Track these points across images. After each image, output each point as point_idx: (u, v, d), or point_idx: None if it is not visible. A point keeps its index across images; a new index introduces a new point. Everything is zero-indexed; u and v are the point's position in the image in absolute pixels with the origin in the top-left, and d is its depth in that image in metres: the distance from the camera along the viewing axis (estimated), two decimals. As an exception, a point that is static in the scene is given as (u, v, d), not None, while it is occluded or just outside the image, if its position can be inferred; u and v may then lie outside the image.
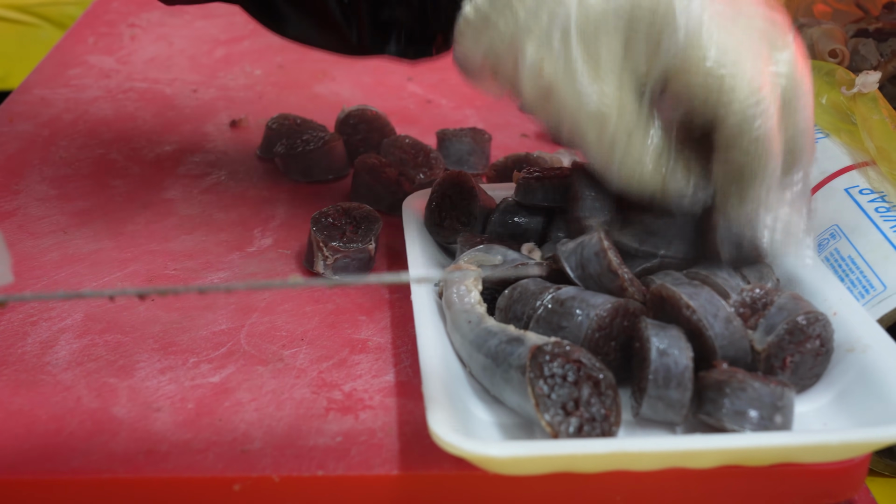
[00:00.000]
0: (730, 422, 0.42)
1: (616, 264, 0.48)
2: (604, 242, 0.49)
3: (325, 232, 0.60)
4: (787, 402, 0.43)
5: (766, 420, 0.42)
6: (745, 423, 0.42)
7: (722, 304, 0.45)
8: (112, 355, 0.53)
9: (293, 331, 0.56)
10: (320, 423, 0.48)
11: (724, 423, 0.42)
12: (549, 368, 0.43)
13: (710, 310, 0.45)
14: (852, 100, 0.62)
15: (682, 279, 0.48)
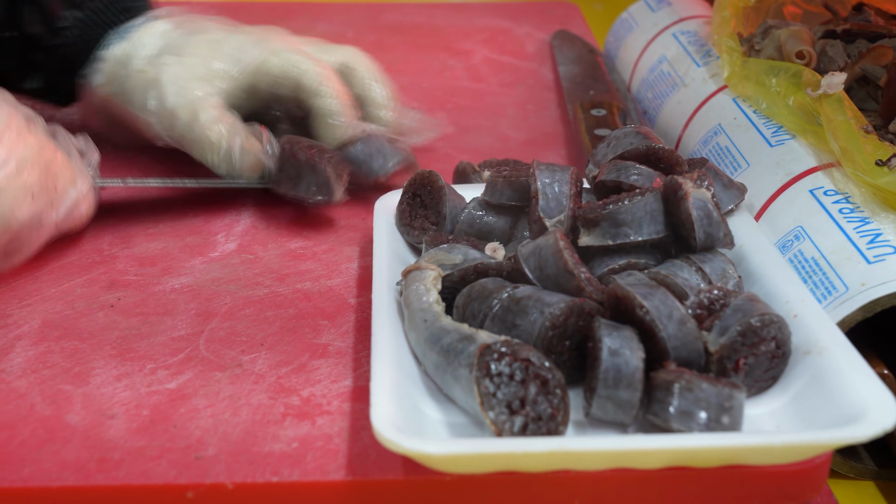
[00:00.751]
0: (676, 422, 0.42)
1: (571, 264, 0.48)
2: (559, 243, 0.48)
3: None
4: (735, 404, 0.42)
5: (713, 421, 0.42)
6: (692, 424, 0.42)
7: (676, 306, 0.45)
8: (68, 362, 0.53)
9: (253, 336, 0.55)
10: (276, 429, 0.48)
11: (671, 424, 0.42)
12: (497, 367, 0.43)
13: (664, 311, 0.44)
14: (818, 101, 0.62)
15: (642, 279, 0.47)
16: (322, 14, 1.08)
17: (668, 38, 0.85)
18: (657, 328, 0.44)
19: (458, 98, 0.89)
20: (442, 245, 0.54)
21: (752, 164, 0.64)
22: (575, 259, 0.48)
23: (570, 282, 0.48)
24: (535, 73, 0.95)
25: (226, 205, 0.69)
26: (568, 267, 0.48)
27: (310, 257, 0.63)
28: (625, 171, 0.55)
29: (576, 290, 0.48)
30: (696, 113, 0.73)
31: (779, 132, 0.65)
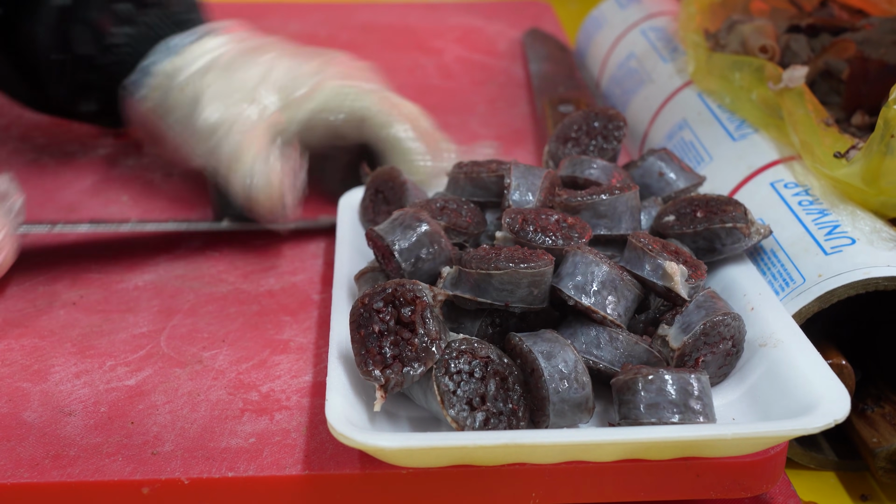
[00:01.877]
0: (647, 416, 0.42)
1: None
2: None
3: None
4: (701, 387, 0.42)
5: (683, 406, 0.42)
6: (664, 414, 0.42)
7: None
8: (27, 360, 0.52)
9: (215, 332, 0.55)
10: (234, 425, 0.48)
11: (643, 420, 0.42)
12: (456, 365, 0.43)
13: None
14: (780, 95, 0.62)
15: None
16: (295, 14, 1.08)
17: (636, 34, 0.85)
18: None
19: (428, 96, 0.89)
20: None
21: (716, 158, 0.64)
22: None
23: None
24: (507, 71, 0.95)
25: (192, 203, 0.69)
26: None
27: (275, 254, 0.63)
28: (580, 165, 0.55)
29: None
30: (663, 108, 0.74)
31: (742, 126, 0.65)
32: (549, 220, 0.50)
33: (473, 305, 0.46)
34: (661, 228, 0.53)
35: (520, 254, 0.46)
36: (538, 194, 0.53)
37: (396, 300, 0.44)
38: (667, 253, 0.48)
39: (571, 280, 0.46)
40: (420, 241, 0.49)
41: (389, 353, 0.44)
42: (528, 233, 0.49)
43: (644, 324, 0.49)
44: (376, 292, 0.45)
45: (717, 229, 0.51)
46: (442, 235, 0.49)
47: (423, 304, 0.44)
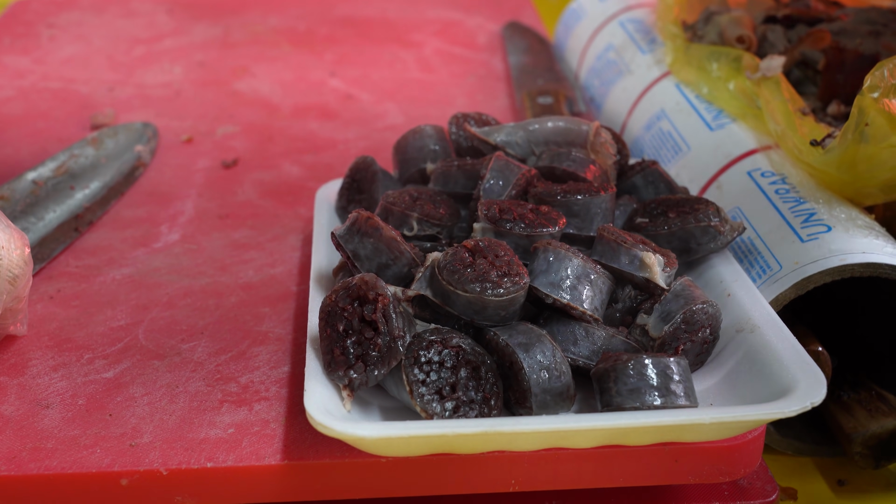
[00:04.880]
0: (630, 401, 0.42)
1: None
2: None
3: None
4: (681, 371, 0.42)
5: (664, 390, 0.42)
6: (645, 398, 0.42)
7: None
8: (4, 353, 0.52)
9: (194, 324, 0.55)
10: (213, 416, 0.47)
11: (625, 406, 0.42)
12: (426, 355, 0.43)
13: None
14: (757, 84, 0.63)
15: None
16: (273, 7, 1.08)
17: (615, 26, 0.85)
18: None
19: (408, 89, 0.89)
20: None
21: (693, 148, 0.64)
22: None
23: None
24: (486, 64, 0.95)
25: (171, 196, 0.69)
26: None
27: (254, 247, 0.63)
28: (558, 157, 0.56)
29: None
30: (641, 99, 0.74)
31: (720, 116, 0.66)
32: (524, 210, 0.50)
33: (442, 310, 0.46)
34: (634, 230, 0.53)
35: (494, 271, 0.45)
36: (510, 189, 0.53)
37: (361, 297, 0.44)
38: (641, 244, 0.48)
39: (546, 277, 0.46)
40: (377, 248, 0.49)
41: (353, 352, 0.44)
42: (506, 221, 0.49)
43: (621, 314, 0.49)
44: (342, 288, 0.45)
45: (691, 229, 0.51)
46: (399, 240, 0.49)
47: (386, 301, 0.44)
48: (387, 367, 0.43)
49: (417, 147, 0.61)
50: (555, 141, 0.58)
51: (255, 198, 0.69)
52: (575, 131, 0.57)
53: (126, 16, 1.05)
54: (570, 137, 0.57)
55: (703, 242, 0.52)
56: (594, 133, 0.57)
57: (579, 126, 0.57)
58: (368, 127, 0.82)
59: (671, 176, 0.60)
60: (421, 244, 0.52)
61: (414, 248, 0.49)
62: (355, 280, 0.45)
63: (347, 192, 0.61)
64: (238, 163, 0.74)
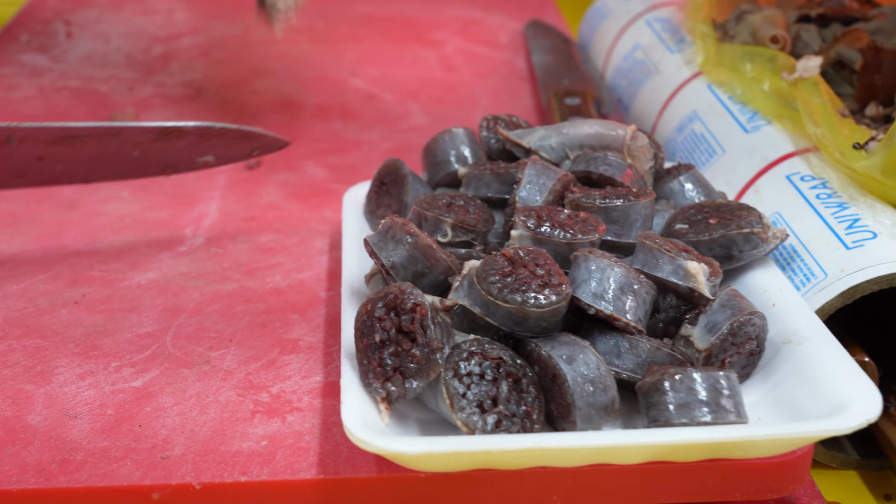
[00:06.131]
0: (678, 417, 0.40)
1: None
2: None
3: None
4: (731, 385, 0.41)
5: (714, 405, 0.40)
6: (695, 414, 0.40)
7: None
8: (30, 361, 0.51)
9: (222, 331, 0.54)
10: (245, 427, 0.46)
11: (673, 421, 0.41)
12: (466, 366, 0.42)
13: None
14: (794, 85, 0.61)
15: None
16: (292, 5, 1.07)
17: (641, 25, 0.84)
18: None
19: (431, 89, 0.88)
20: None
21: (728, 151, 0.63)
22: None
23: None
24: (509, 64, 0.94)
25: (194, 198, 0.68)
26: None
27: (280, 251, 0.62)
28: (594, 162, 0.54)
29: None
30: (671, 100, 0.73)
31: (754, 118, 0.64)
32: (563, 216, 0.49)
33: (482, 321, 0.45)
34: (674, 237, 0.52)
35: (535, 281, 0.43)
36: (546, 195, 0.52)
37: (397, 307, 0.43)
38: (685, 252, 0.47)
39: (588, 287, 0.45)
40: (413, 256, 0.47)
41: (390, 364, 0.43)
42: (545, 229, 0.48)
43: (663, 324, 0.48)
44: (378, 297, 0.44)
45: (733, 235, 0.50)
46: (434, 247, 0.48)
47: (423, 312, 0.43)
48: (425, 379, 0.42)
49: (448, 150, 0.59)
50: (589, 145, 0.56)
51: (280, 200, 0.68)
52: (611, 135, 0.56)
53: (144, 13, 1.03)
54: (606, 141, 0.56)
55: (745, 250, 0.50)
56: (631, 137, 0.56)
57: (615, 130, 0.56)
58: (392, 127, 0.80)
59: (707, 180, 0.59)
60: (455, 251, 0.51)
61: (450, 255, 0.48)
62: (391, 289, 0.44)
63: (376, 196, 0.60)
64: (261, 164, 0.73)
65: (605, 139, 0.56)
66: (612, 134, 0.56)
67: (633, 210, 0.50)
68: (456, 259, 0.48)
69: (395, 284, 0.44)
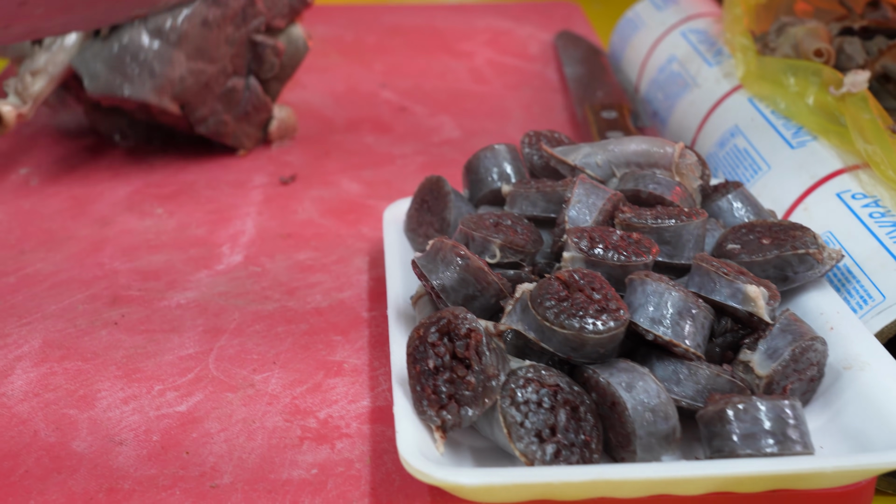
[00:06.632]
0: (743, 448, 0.39)
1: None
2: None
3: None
4: (796, 414, 0.40)
5: (780, 435, 0.39)
6: (760, 444, 0.39)
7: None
8: (72, 384, 0.50)
9: (265, 353, 0.53)
10: (294, 454, 0.45)
11: (738, 452, 0.40)
12: (523, 394, 0.41)
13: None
14: (841, 100, 0.60)
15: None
16: (319, 16, 1.06)
17: (676, 37, 0.83)
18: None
19: (462, 101, 0.87)
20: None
21: (774, 167, 0.62)
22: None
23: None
24: (540, 75, 0.93)
25: (230, 214, 0.67)
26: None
27: (319, 269, 0.61)
28: (643, 180, 0.53)
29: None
30: (711, 114, 0.72)
31: (800, 133, 0.63)
32: (615, 237, 0.48)
33: (536, 346, 0.44)
34: (725, 257, 0.50)
35: (592, 306, 0.42)
36: (596, 215, 0.51)
37: (451, 332, 0.42)
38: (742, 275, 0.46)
39: (645, 312, 0.44)
40: (464, 279, 0.47)
41: (445, 391, 0.42)
42: (599, 251, 0.47)
43: (721, 349, 0.46)
44: (431, 322, 0.43)
45: (788, 256, 0.49)
46: (486, 270, 0.47)
47: (479, 337, 0.42)
48: (481, 407, 0.41)
49: (490, 167, 0.59)
50: (636, 162, 0.55)
51: (317, 216, 0.67)
52: (659, 153, 0.55)
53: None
54: (654, 159, 0.55)
55: (800, 271, 0.49)
56: (679, 154, 0.55)
57: (663, 147, 0.55)
58: (425, 141, 0.80)
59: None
60: (503, 272, 0.50)
61: (501, 278, 0.47)
62: (444, 314, 0.43)
63: (417, 214, 0.59)
64: (296, 179, 0.72)
65: (652, 156, 0.55)
66: (659, 151, 0.55)
67: (686, 230, 0.49)
68: (507, 281, 0.48)
69: (448, 309, 0.43)
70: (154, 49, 0.65)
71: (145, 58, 0.66)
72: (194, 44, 0.66)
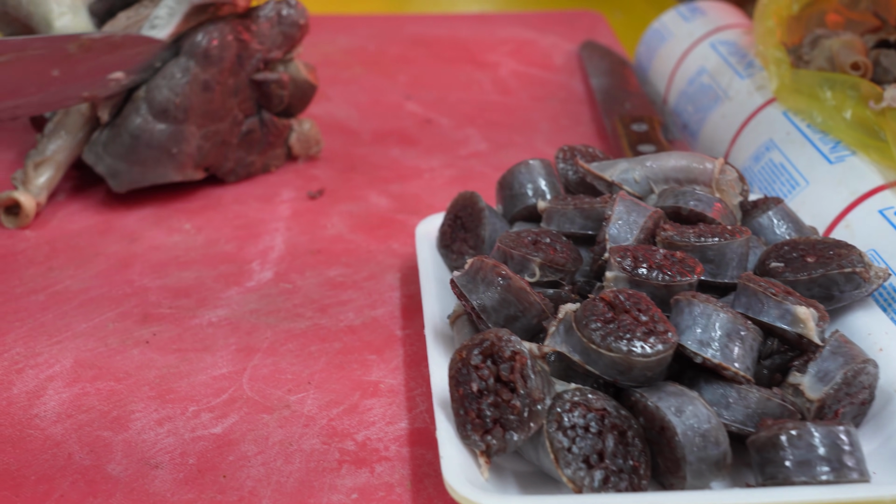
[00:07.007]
0: (798, 475, 0.38)
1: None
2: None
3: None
4: (852, 441, 0.39)
5: (836, 462, 0.38)
6: (815, 472, 0.38)
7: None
8: (105, 405, 0.49)
9: (299, 373, 0.52)
10: (333, 478, 0.45)
11: (793, 479, 0.39)
12: (570, 419, 0.40)
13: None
14: (881, 114, 0.59)
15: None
16: (341, 27, 1.05)
17: (705, 48, 0.82)
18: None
19: (488, 113, 0.86)
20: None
21: (812, 183, 0.61)
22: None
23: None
24: (566, 86, 0.92)
25: (258, 230, 0.66)
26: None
27: (350, 286, 0.60)
28: (682, 196, 0.52)
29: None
30: (744, 127, 0.71)
31: (837, 147, 0.62)
32: (658, 256, 0.47)
33: (581, 369, 0.43)
34: (768, 275, 0.49)
35: (640, 328, 0.42)
36: (637, 233, 0.50)
37: (495, 355, 0.42)
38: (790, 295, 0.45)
39: (693, 334, 0.43)
40: (505, 299, 0.46)
41: (490, 415, 0.41)
42: (644, 270, 0.46)
43: (769, 371, 0.46)
44: (474, 344, 0.42)
45: (834, 275, 0.48)
46: (528, 290, 0.46)
47: (524, 360, 0.41)
48: (526, 432, 0.40)
49: (525, 182, 0.58)
50: (675, 178, 0.54)
51: (346, 231, 0.67)
52: (698, 169, 0.54)
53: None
54: (693, 175, 0.54)
55: (846, 290, 0.48)
56: (719, 170, 0.54)
57: (703, 163, 0.54)
58: (452, 154, 0.79)
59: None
60: (543, 291, 0.49)
61: (544, 298, 0.46)
62: (488, 336, 0.42)
63: (450, 230, 0.58)
64: (324, 193, 0.71)
65: (692, 172, 0.54)
66: (699, 167, 0.54)
67: (729, 248, 0.48)
68: (549, 301, 0.47)
69: (491, 330, 0.42)
70: (166, 132, 0.65)
71: (159, 143, 0.65)
72: (201, 112, 0.66)
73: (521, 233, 0.52)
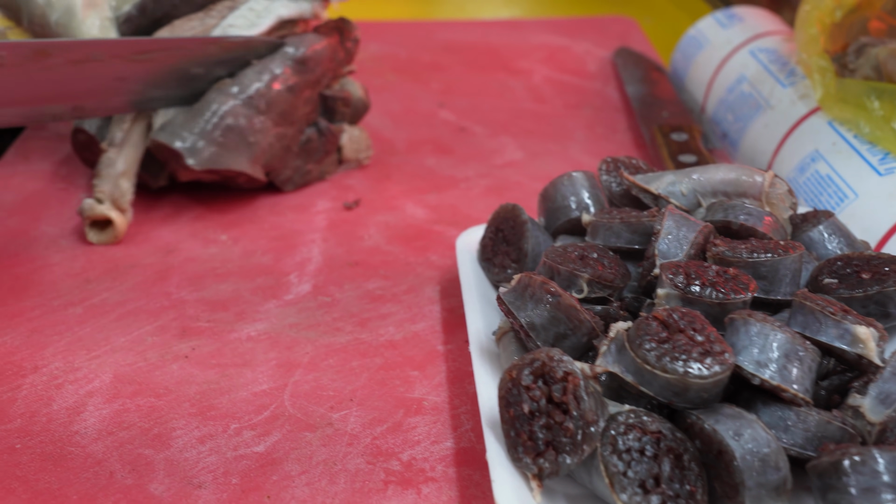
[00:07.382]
0: (861, 502, 0.37)
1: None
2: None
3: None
4: None
5: None
6: (880, 500, 0.37)
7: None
8: (146, 422, 0.49)
9: (341, 389, 0.51)
10: (379, 499, 0.44)
11: None
12: (625, 442, 0.39)
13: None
14: (932, 126, 0.58)
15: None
16: (374, 34, 1.05)
17: (745, 56, 0.81)
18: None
19: (522, 121, 0.85)
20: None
21: (861, 195, 0.60)
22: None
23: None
24: (601, 93, 0.91)
25: (295, 241, 0.65)
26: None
27: (390, 299, 0.59)
28: (732, 210, 0.51)
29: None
30: (788, 137, 0.69)
31: (886, 159, 0.61)
32: (711, 273, 0.46)
33: (634, 389, 0.42)
34: (822, 292, 0.48)
35: (696, 349, 0.41)
36: (687, 248, 0.49)
37: (546, 375, 0.41)
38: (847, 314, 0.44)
39: (749, 354, 0.42)
40: (554, 317, 0.45)
41: (542, 437, 0.40)
42: (697, 287, 0.45)
43: (827, 392, 0.44)
44: (524, 364, 0.41)
45: (891, 292, 0.47)
46: (578, 308, 0.45)
47: (576, 381, 0.40)
48: (579, 455, 0.39)
49: (568, 195, 0.57)
50: (724, 191, 0.53)
51: (383, 243, 0.66)
52: (748, 182, 0.53)
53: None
54: (743, 188, 0.53)
55: None
56: (769, 183, 0.53)
57: (752, 176, 0.53)
58: (487, 163, 0.78)
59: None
60: (591, 307, 0.48)
61: (594, 316, 0.45)
62: (538, 356, 0.41)
63: (492, 243, 0.57)
64: (360, 204, 0.71)
65: (741, 185, 0.53)
66: (749, 180, 0.53)
67: (783, 265, 0.47)
68: (599, 319, 0.46)
69: (542, 350, 0.41)
70: (249, 118, 0.65)
71: (242, 128, 0.65)
72: (279, 109, 0.66)
73: (567, 247, 0.51)
